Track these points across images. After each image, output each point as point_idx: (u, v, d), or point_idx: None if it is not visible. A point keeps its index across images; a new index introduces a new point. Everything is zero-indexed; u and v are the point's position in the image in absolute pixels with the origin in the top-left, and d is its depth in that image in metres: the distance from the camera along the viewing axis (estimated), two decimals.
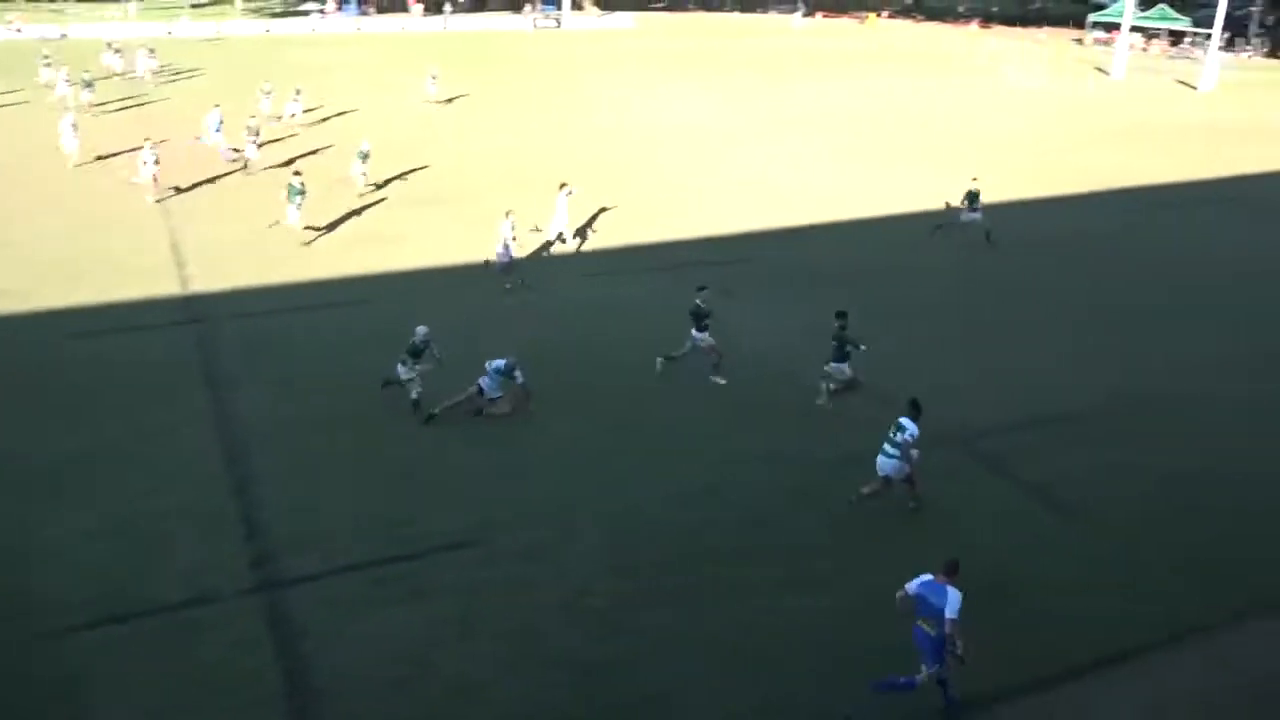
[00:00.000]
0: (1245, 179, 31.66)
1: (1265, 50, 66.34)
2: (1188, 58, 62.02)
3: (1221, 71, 52.26)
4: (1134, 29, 64.11)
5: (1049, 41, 69.98)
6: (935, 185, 29.35)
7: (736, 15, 79.91)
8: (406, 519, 12.57)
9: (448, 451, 14.21)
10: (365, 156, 26.86)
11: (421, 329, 15.10)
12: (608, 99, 42.05)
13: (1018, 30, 76.88)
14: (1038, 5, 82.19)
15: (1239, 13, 75.01)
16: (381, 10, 72.05)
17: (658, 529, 12.55)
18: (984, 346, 18.28)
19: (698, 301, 16.24)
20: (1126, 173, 31.76)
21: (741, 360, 17.24)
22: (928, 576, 9.70)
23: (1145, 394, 16.43)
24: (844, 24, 79.03)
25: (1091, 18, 71.22)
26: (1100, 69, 57.00)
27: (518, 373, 15.05)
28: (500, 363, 15.10)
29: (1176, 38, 66.88)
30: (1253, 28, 68.40)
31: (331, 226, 24.00)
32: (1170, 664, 10.54)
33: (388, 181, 28.06)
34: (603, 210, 25.95)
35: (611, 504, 13.08)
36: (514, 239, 20.24)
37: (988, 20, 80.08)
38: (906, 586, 9.77)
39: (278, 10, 73.11)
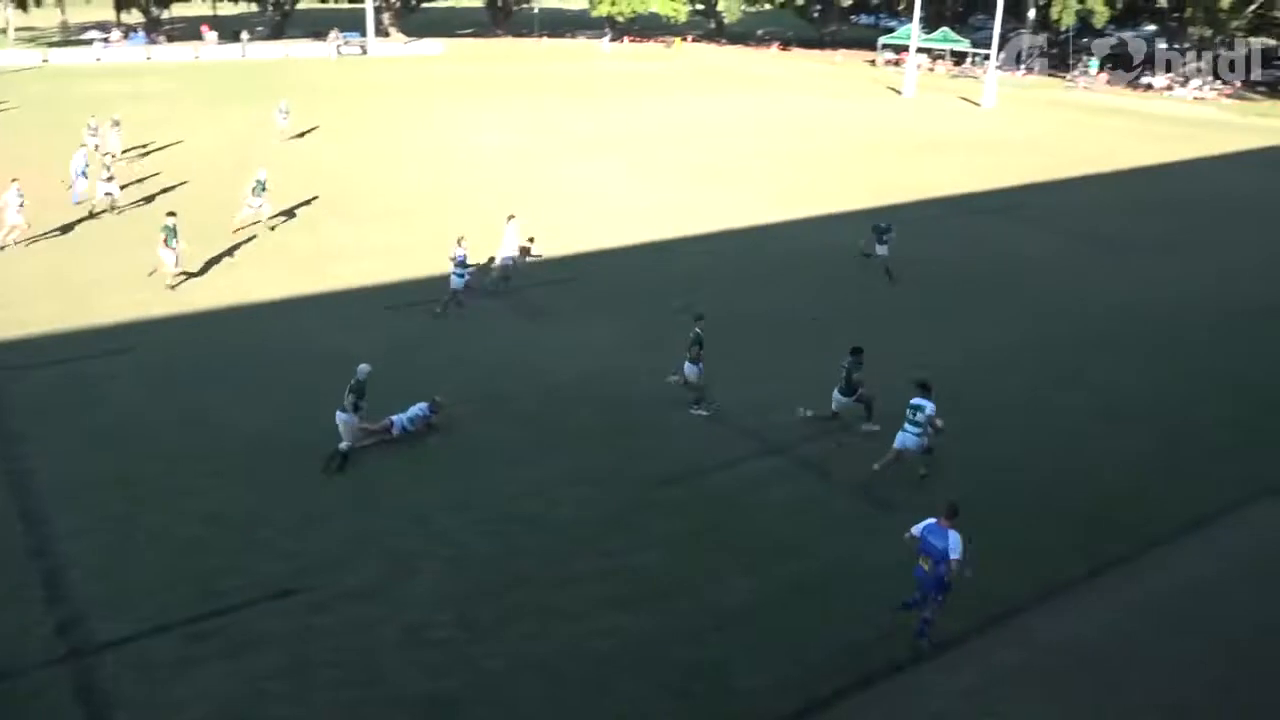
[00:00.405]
0: (1024, 189, 34.21)
1: (1037, 69, 72.00)
2: (971, 76, 66.58)
3: (1000, 89, 56.39)
4: (921, 50, 68.44)
5: (844, 63, 73.75)
6: (749, 202, 30.42)
7: (546, 40, 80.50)
8: (224, 569, 12.03)
9: (263, 492, 13.70)
10: (262, 187, 25.44)
11: (364, 367, 14.39)
12: (439, 124, 41.50)
13: (815, 53, 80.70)
14: (832, 29, 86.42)
15: (1012, 34, 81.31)
16: (172, 39, 68.87)
17: (488, 558, 12.46)
18: (796, 357, 19.00)
19: (696, 330, 16.10)
20: (922, 185, 33.75)
21: (562, 382, 17.37)
22: (931, 520, 10.77)
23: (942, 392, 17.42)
24: (651, 48, 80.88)
25: (882, 40, 75.58)
26: (893, 88, 60.44)
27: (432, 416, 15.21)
28: (422, 406, 15.16)
29: (959, 58, 71.74)
30: (1024, 48, 74.07)
31: (204, 270, 22.67)
32: (987, 648, 11.24)
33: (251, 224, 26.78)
34: (417, 235, 25.63)
35: (442, 535, 12.91)
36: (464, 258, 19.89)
37: (787, 43, 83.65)
38: (912, 529, 10.84)
39: (55, 40, 68.74)
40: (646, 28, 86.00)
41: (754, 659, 10.86)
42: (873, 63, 74.76)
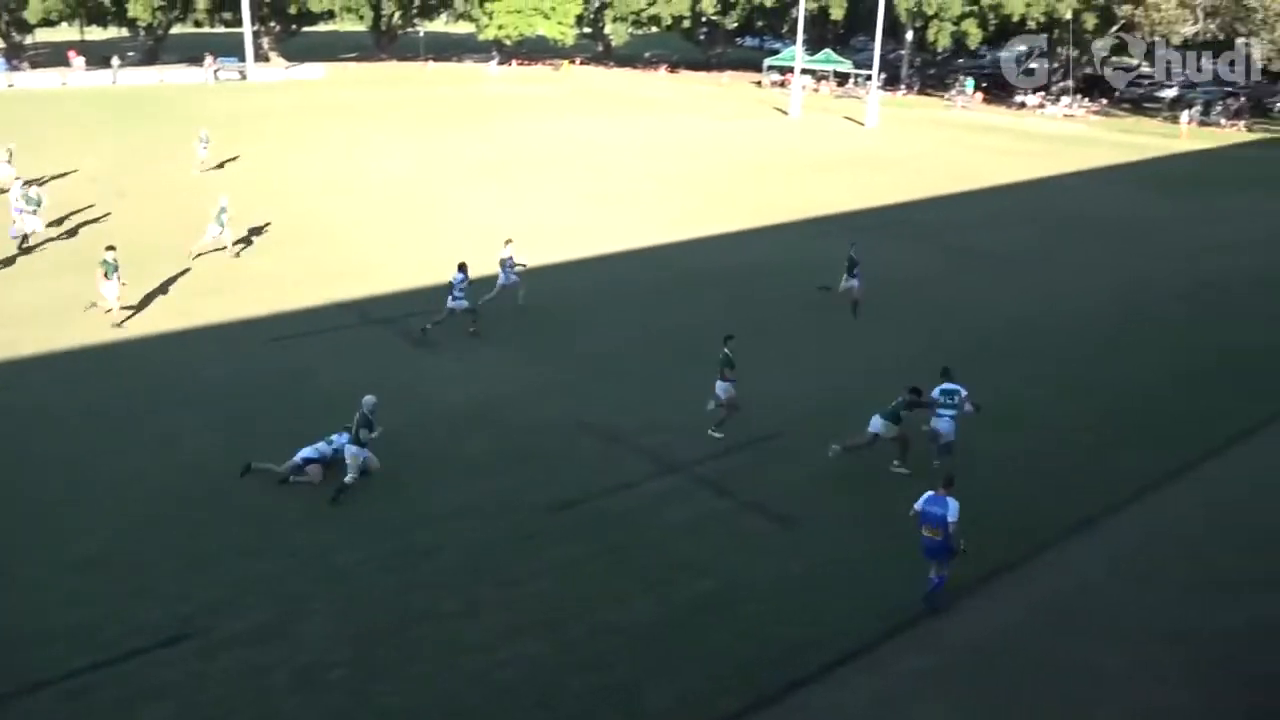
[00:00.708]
0: (907, 205, 35.36)
1: (916, 89, 74.60)
2: (854, 97, 68.58)
3: (882, 109, 58.22)
4: (805, 72, 70.20)
5: (731, 84, 75.16)
6: (643, 224, 30.68)
7: (433, 64, 79.97)
8: (106, 618, 11.54)
9: (144, 536, 13.20)
10: (223, 213, 25.24)
11: (369, 399, 14.42)
12: (325, 150, 40.73)
13: (702, 74, 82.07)
14: (719, 51, 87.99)
15: (892, 55, 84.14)
16: (36, 65, 66.13)
17: (385, 594, 12.24)
18: (690, 378, 19.20)
19: (725, 351, 16.41)
20: (810, 204, 34.56)
21: (455, 409, 17.23)
22: (930, 493, 11.92)
23: (839, 406, 17.82)
24: (540, 71, 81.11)
25: (767, 62, 77.30)
26: (780, 109, 61.84)
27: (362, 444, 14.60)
28: (343, 438, 14.61)
29: (843, 79, 73.83)
30: (904, 69, 76.74)
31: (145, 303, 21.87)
32: (895, 654, 11.50)
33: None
34: (306, 265, 25.13)
35: (335, 573, 12.63)
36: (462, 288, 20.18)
37: (675, 66, 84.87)
38: (915, 505, 11.93)
39: None
40: (534, 51, 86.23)
41: (662, 680, 10.90)
42: (759, 84, 76.36)
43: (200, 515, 13.75)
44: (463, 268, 20.62)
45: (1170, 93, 69.72)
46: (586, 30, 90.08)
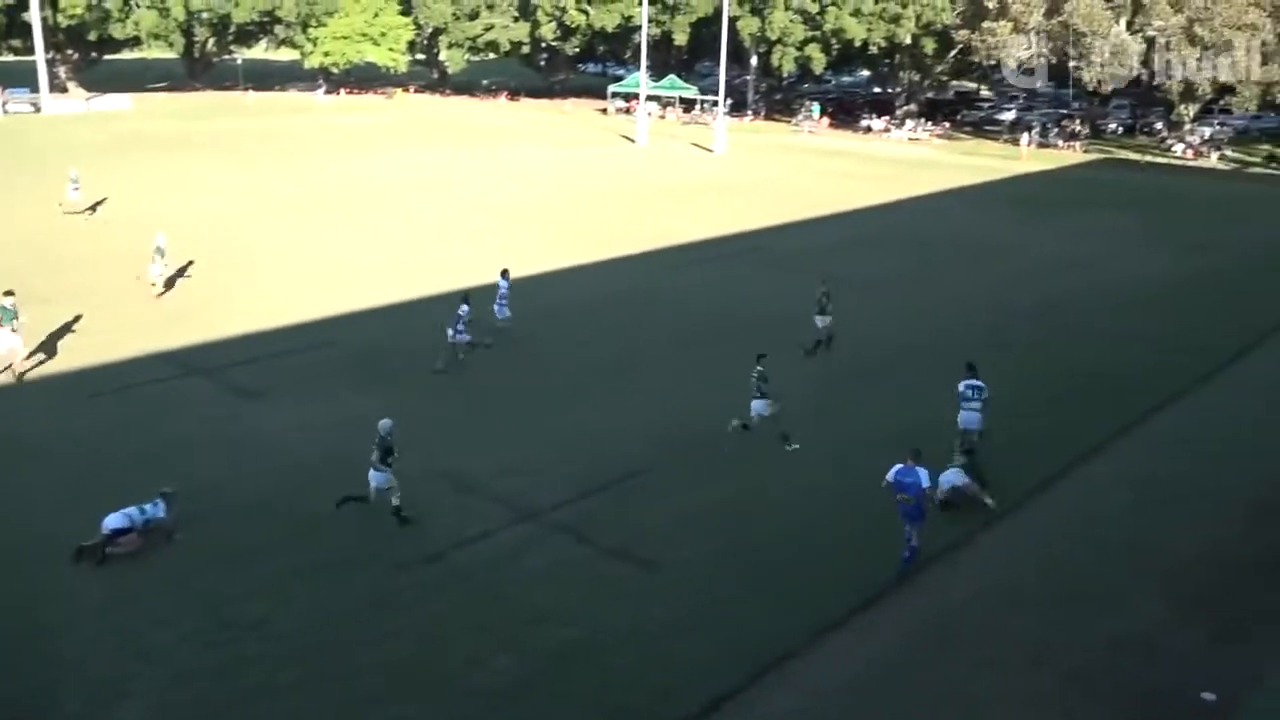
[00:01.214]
0: (760, 232, 36.32)
1: (763, 114, 77.02)
2: (701, 123, 70.26)
3: (730, 134, 59.82)
4: (650, 98, 71.57)
5: (575, 112, 75.95)
6: (489, 258, 30.49)
7: (253, 94, 77.90)
8: None
9: None
10: (162, 253, 25.61)
11: (385, 422, 14.85)
12: (131, 189, 38.89)
13: (544, 102, 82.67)
14: (561, 77, 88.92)
15: (737, 80, 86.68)
16: None
17: (212, 673, 11.61)
18: (549, 418, 19.14)
19: (759, 368, 17.59)
20: (664, 232, 35.08)
21: (290, 464, 16.64)
22: (900, 465, 13.70)
23: (703, 439, 18.06)
24: (371, 100, 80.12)
25: (611, 88, 78.51)
26: (626, 136, 62.77)
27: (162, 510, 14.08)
28: (154, 506, 14.03)
29: (689, 105, 75.58)
30: (751, 95, 79.17)
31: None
32: (764, 696, 11.60)
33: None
34: (124, 309, 23.93)
35: (154, 654, 11.94)
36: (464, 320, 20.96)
37: (515, 93, 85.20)
38: (887, 476, 13.78)
39: None
40: (365, 79, 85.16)
41: None
42: (604, 111, 77.42)
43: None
44: (467, 299, 21.50)
45: (1009, 115, 74.17)
46: (420, 57, 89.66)
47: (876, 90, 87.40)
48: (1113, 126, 70.66)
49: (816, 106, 74.12)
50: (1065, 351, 23.47)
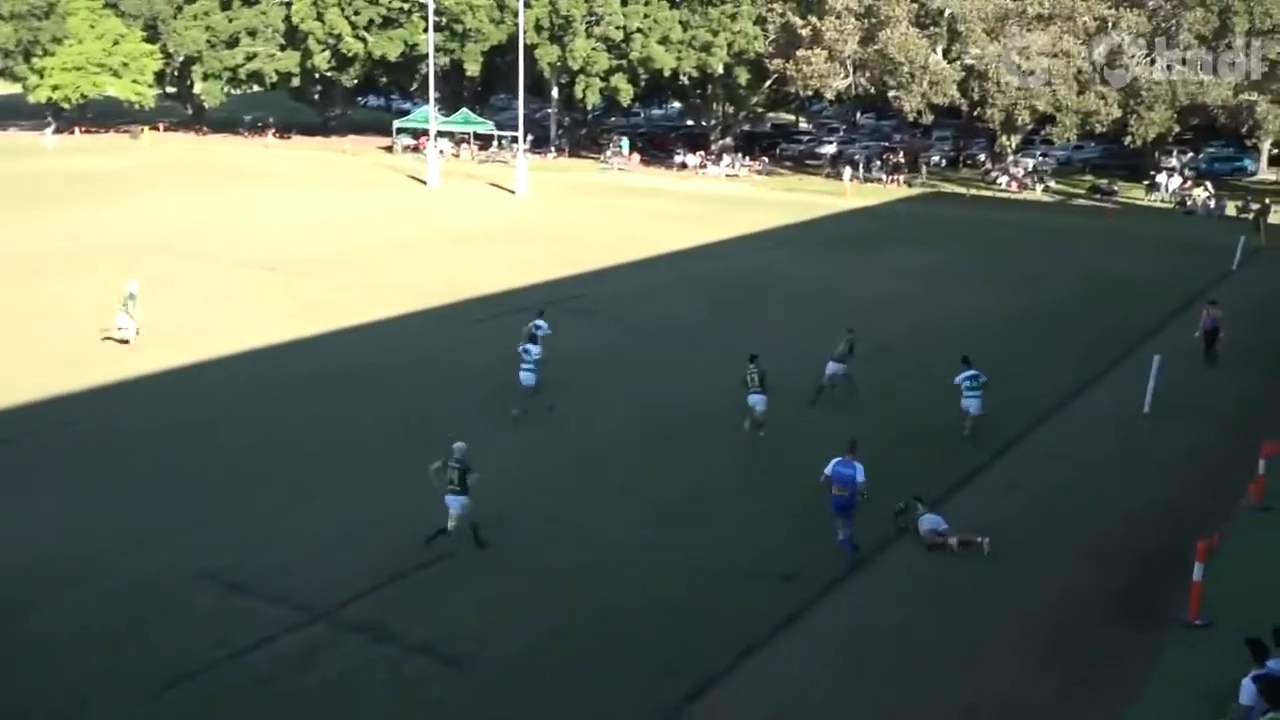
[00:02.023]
0: (571, 280, 36.64)
1: (567, 151, 78.14)
2: (499, 161, 70.66)
3: (532, 174, 60.39)
4: (442, 134, 71.55)
5: (356, 151, 75.10)
6: (261, 319, 29.62)
7: None
8: None
9: None
10: (133, 299, 26.71)
11: (460, 444, 16.48)
12: None
13: (319, 140, 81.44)
14: (337, 113, 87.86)
15: (538, 114, 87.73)
16: None
17: None
18: (340, 495, 18.63)
19: (752, 368, 21.53)
20: (463, 283, 34.91)
21: (6, 577, 15.61)
22: (838, 459, 16.39)
23: (508, 510, 17.94)
24: (113, 140, 77.08)
25: (397, 124, 78.07)
26: (416, 177, 62.46)
27: None
28: None
29: (485, 142, 75.94)
30: (553, 130, 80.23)
31: None
32: None
33: None
34: None
35: None
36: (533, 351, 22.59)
37: (285, 131, 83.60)
38: (825, 470, 16.43)
39: None
40: (105, 115, 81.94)
41: None
42: (390, 149, 76.88)
43: None
44: (534, 338, 23.29)
45: (830, 149, 77.78)
46: (171, 90, 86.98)
47: (690, 123, 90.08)
48: (935, 159, 75.01)
49: (626, 142, 75.77)
50: (894, 397, 24.52)
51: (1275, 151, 73.29)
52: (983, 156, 73.82)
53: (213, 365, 25.94)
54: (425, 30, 68.59)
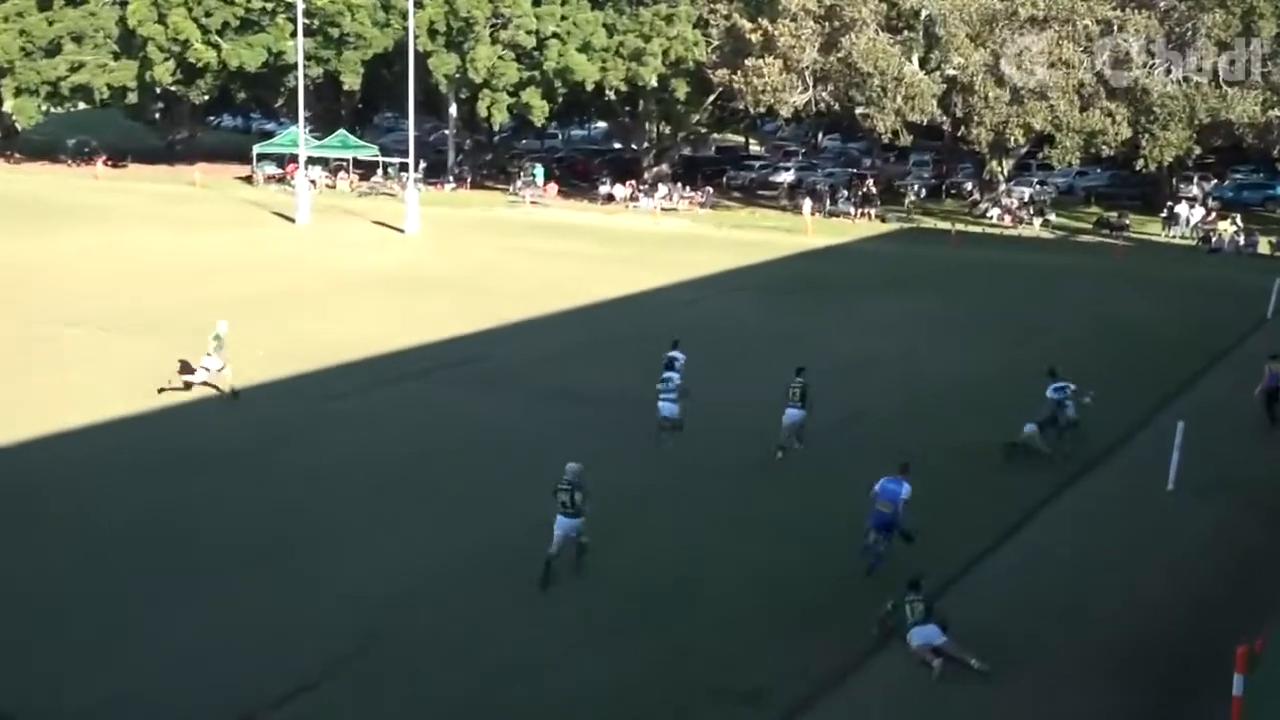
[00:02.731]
0: (474, 338, 36.47)
1: (469, 180, 78.26)
2: (386, 193, 70.61)
3: (426, 209, 60.36)
4: (314, 161, 71.45)
5: (209, 182, 74.61)
6: (87, 391, 29.16)
7: None
8: None
9: None
10: (220, 343, 28.95)
11: (574, 465, 19.20)
12: None
13: (163, 169, 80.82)
14: (184, 135, 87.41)
15: (434, 136, 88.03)
16: None
17: None
18: (150, 618, 18.24)
19: (800, 380, 25.60)
20: (342, 342, 34.57)
21: None
22: (886, 478, 19.95)
23: (369, 637, 17.67)
24: None
25: (258, 149, 77.77)
26: (283, 214, 62.16)
27: None
28: None
29: (368, 170, 75.92)
30: (452, 155, 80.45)
31: None
32: None
33: None
34: None
35: None
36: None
37: (119, 158, 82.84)
38: (874, 487, 19.90)
39: None
40: None
41: None
42: (249, 179, 76.56)
43: None
44: (672, 364, 27.33)
45: (787, 177, 78.88)
46: None
47: (618, 147, 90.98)
48: (915, 188, 76.37)
49: (540, 170, 76.23)
50: (868, 476, 24.59)
51: None
52: (970, 185, 75.31)
53: (17, 451, 25.34)
54: (293, 35, 68.65)
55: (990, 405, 29.68)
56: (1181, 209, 65.50)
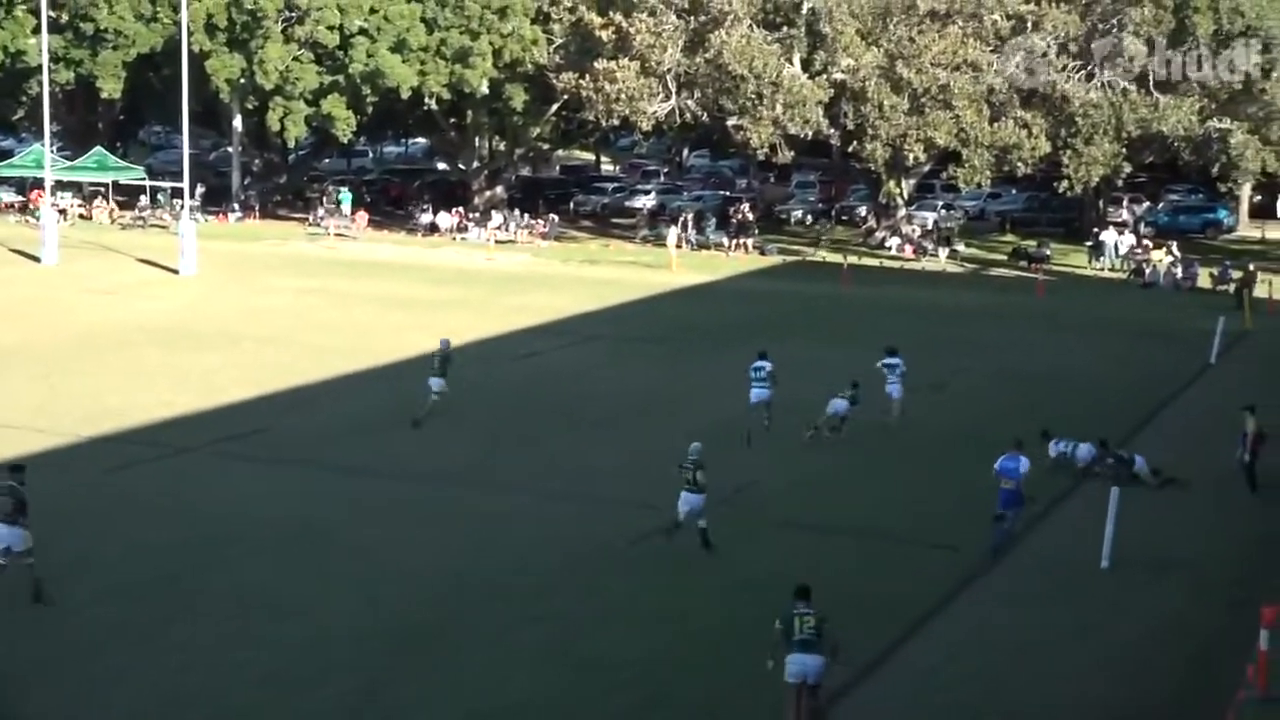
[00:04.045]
0: (256, 404, 35.75)
1: (259, 208, 77.30)
2: (157, 225, 69.43)
3: (205, 244, 59.35)
4: (63, 186, 69.98)
5: None
6: None
7: None
8: None
9: None
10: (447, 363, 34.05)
11: (697, 445, 24.42)
12: None
13: None
14: None
15: (214, 155, 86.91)
16: None
17: None
18: None
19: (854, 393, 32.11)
20: (91, 411, 33.75)
21: None
22: (1004, 455, 24.89)
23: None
24: None
25: None
26: (23, 251, 60.88)
27: None
28: None
29: (132, 196, 74.51)
30: (237, 178, 79.39)
31: None
32: None
33: None
34: None
35: None
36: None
37: None
38: (995, 466, 24.95)
39: None
40: None
41: None
42: None
43: None
44: (894, 351, 34.75)
45: (648, 202, 79.26)
46: None
47: (442, 168, 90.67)
48: (798, 214, 77.23)
49: (347, 195, 75.68)
50: (752, 555, 24.63)
51: (1259, 199, 78.08)
52: (864, 210, 76.34)
53: None
54: (35, 31, 67.29)
55: (884, 465, 29.86)
56: (1109, 236, 67.08)
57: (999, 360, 43.05)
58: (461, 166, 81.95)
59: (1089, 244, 67.86)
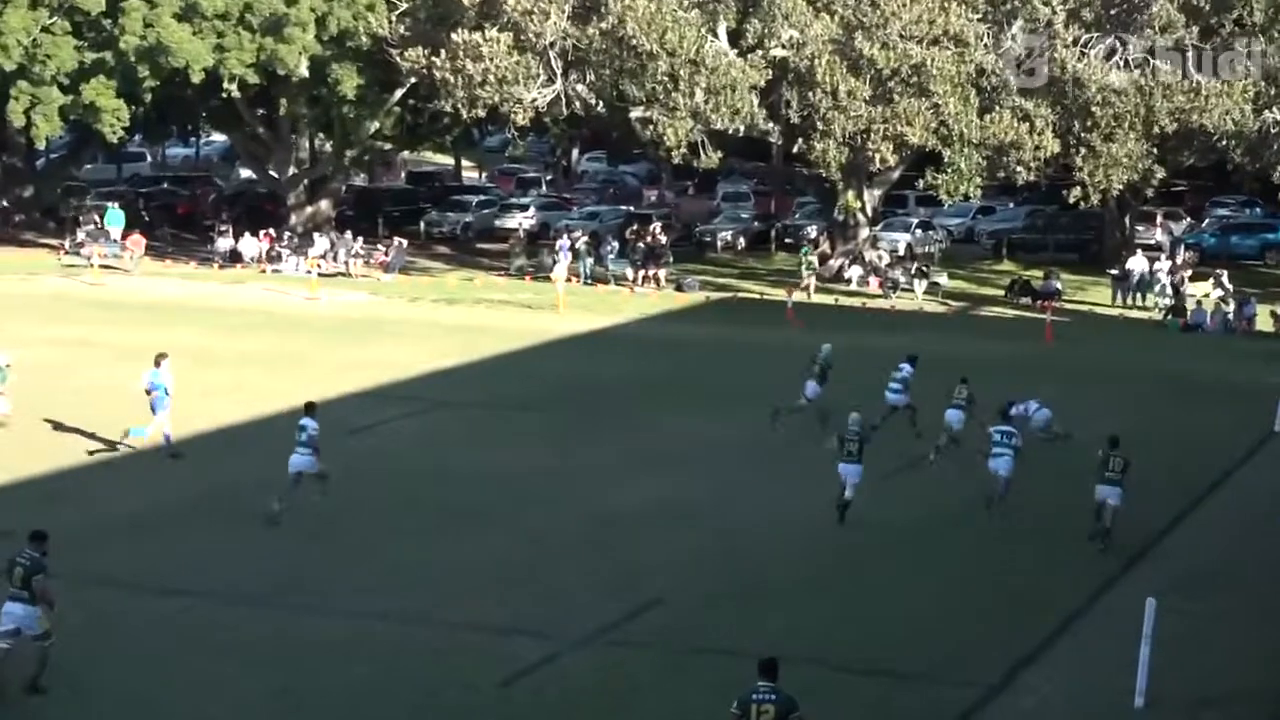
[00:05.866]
0: (15, 490, 35.34)
1: None
2: None
3: None
4: None
5: None
6: None
7: None
8: None
9: None
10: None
11: (856, 415, 34.12)
12: None
13: None
14: None
15: None
16: None
17: None
18: None
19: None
20: None
21: None
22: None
23: None
24: None
25: None
26: None
27: None
28: None
29: None
30: None
31: None
32: None
33: None
34: None
35: None
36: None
37: None
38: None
39: None
40: None
41: None
42: None
43: None
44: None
45: (525, 221, 79.25)
46: None
47: (249, 176, 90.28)
48: (726, 236, 77.50)
49: (118, 214, 75.13)
50: (670, 687, 24.62)
51: None
52: (814, 231, 76.45)
53: None
54: None
55: (850, 573, 29.87)
56: (1138, 264, 67.24)
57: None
58: (273, 174, 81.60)
59: (1112, 274, 68.15)
